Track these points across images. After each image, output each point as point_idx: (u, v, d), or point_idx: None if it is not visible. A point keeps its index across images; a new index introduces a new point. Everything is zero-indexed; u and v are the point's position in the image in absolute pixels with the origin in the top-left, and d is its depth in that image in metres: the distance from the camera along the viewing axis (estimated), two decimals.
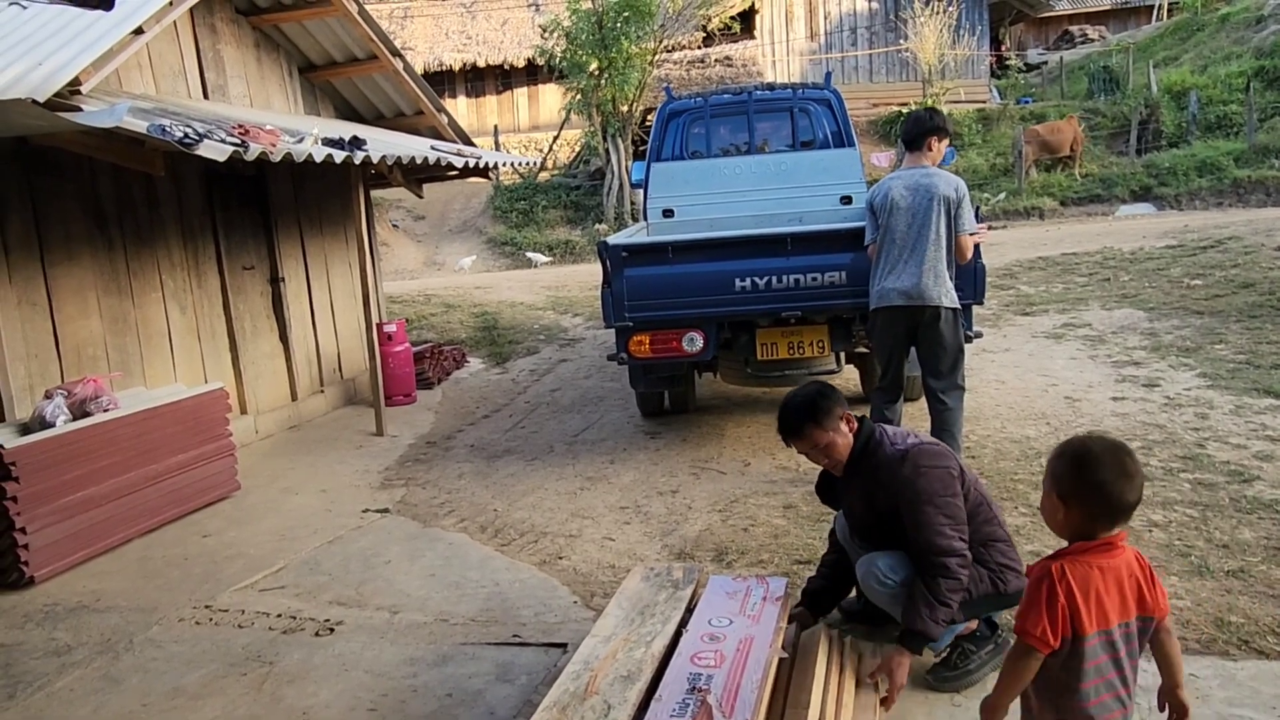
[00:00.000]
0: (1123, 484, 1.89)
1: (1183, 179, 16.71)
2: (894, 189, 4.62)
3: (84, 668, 3.54)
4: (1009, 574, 2.90)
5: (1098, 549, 1.93)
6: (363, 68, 8.01)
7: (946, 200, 4.52)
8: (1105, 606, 1.91)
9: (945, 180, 4.58)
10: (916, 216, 4.55)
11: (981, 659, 2.92)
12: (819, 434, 2.96)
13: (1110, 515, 1.92)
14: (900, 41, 21.49)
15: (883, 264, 4.65)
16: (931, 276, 4.53)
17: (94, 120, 4.30)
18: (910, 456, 2.88)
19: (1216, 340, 7.34)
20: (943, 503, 2.80)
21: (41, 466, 4.46)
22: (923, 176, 4.59)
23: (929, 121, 4.72)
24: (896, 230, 4.60)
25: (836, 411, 2.97)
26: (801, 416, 2.97)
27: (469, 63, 23.08)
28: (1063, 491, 1.94)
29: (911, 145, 4.75)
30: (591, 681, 2.47)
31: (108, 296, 5.89)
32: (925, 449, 2.92)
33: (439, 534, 4.79)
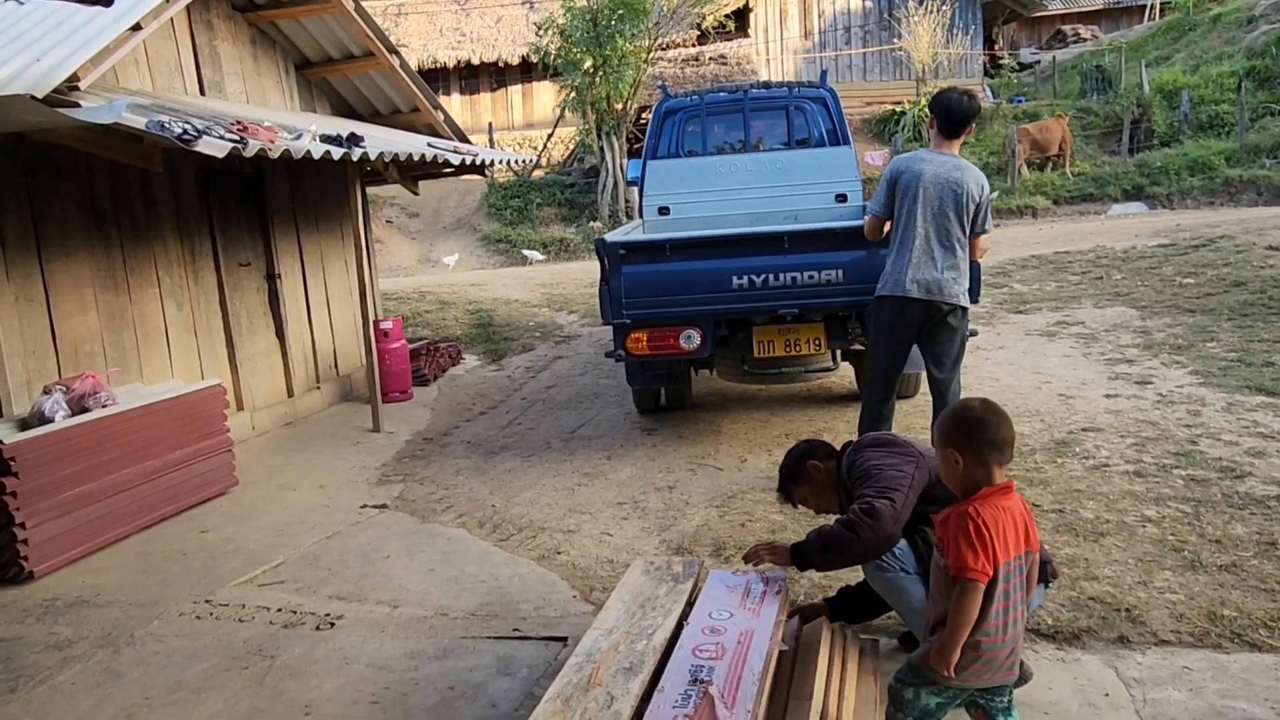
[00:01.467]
0: (1000, 424, 2.37)
1: (1174, 178, 16.80)
2: (925, 174, 4.44)
3: (85, 661, 3.55)
4: None
5: (998, 492, 2.34)
6: (359, 65, 8.02)
7: (975, 198, 4.43)
8: (1008, 540, 2.31)
9: (974, 176, 4.47)
10: (945, 209, 4.42)
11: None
12: (799, 490, 3.25)
13: (999, 452, 2.35)
14: (894, 40, 21.56)
15: (903, 252, 4.48)
16: (955, 272, 4.45)
17: (92, 116, 4.30)
18: (856, 445, 3.13)
19: (1208, 338, 7.39)
20: (874, 468, 2.90)
21: (41, 462, 4.46)
22: (954, 169, 4.45)
23: (973, 107, 4.51)
24: (922, 219, 4.44)
25: (804, 466, 3.22)
26: (784, 481, 3.29)
27: (463, 60, 23.08)
28: (959, 445, 2.36)
29: (952, 132, 4.55)
30: (594, 673, 2.49)
31: (105, 293, 5.89)
32: (870, 436, 3.18)
33: (437, 529, 4.81)
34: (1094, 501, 4.34)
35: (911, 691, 2.42)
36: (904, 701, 2.44)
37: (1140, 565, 3.67)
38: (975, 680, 2.37)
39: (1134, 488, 4.49)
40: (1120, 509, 4.24)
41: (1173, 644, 3.10)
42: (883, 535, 2.76)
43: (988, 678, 2.37)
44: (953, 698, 2.42)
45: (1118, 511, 4.22)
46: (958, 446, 2.36)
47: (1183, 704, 2.75)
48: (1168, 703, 2.76)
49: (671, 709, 2.27)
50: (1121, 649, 3.09)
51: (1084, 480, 4.64)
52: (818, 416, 6.34)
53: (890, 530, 2.76)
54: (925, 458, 2.93)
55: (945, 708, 2.43)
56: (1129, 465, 4.81)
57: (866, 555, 2.84)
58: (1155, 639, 3.13)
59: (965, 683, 2.36)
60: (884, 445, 3.04)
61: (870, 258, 5.21)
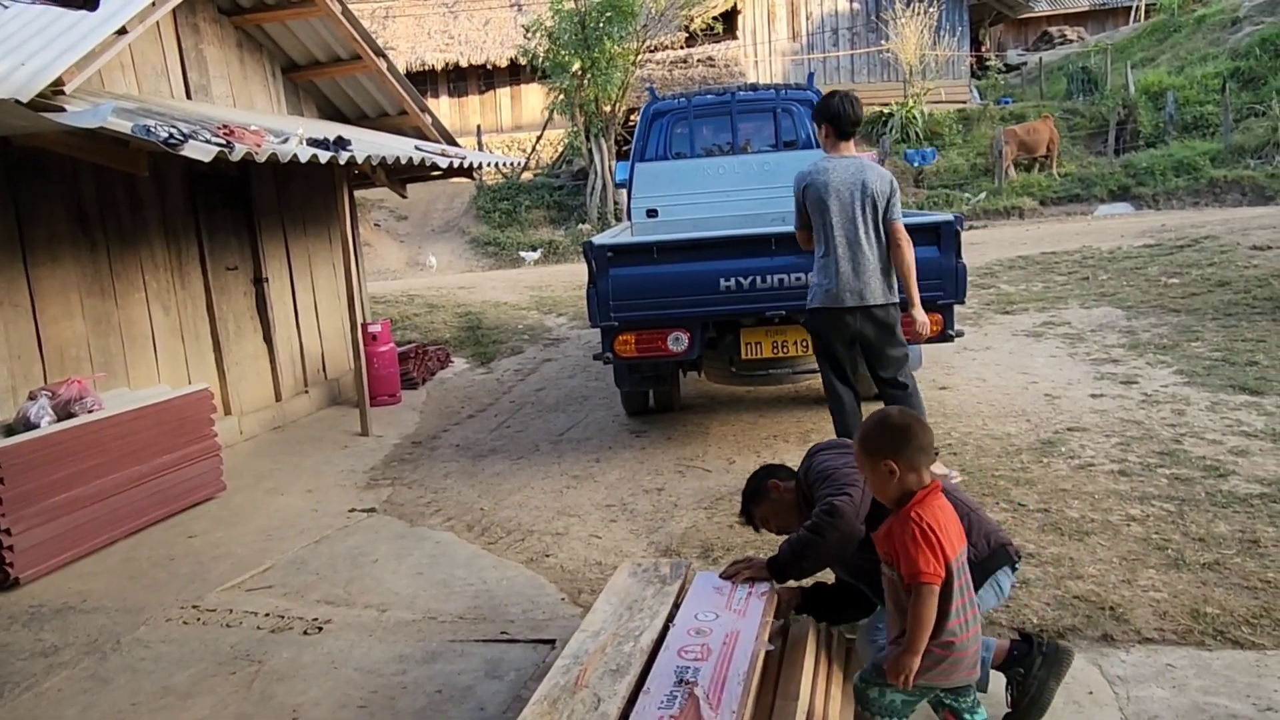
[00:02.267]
0: (924, 429, 2.45)
1: (1160, 179, 16.91)
2: (832, 182, 4.53)
3: (72, 668, 3.54)
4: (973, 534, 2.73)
5: (931, 493, 2.38)
6: (346, 68, 8.01)
7: (882, 194, 4.53)
8: (952, 537, 2.36)
9: (877, 173, 4.58)
10: (857, 212, 4.51)
11: (1038, 678, 2.68)
12: (759, 510, 3.23)
13: (927, 455, 2.41)
14: (882, 42, 21.63)
15: (828, 262, 4.55)
16: (879, 272, 4.54)
17: (78, 120, 4.29)
18: (808, 452, 3.17)
19: (1193, 338, 7.44)
20: (828, 470, 2.93)
21: (26, 468, 4.45)
22: (858, 171, 4.55)
23: (859, 109, 4.67)
24: (839, 226, 4.53)
25: (764, 485, 3.22)
26: (745, 504, 3.30)
27: (451, 62, 23.06)
28: (891, 454, 2.38)
29: (845, 134, 4.67)
30: (581, 675, 2.50)
31: (91, 298, 5.87)
32: (821, 443, 3.26)
33: (426, 533, 4.81)
34: (1079, 501, 4.37)
35: (876, 690, 2.45)
36: (869, 700, 2.47)
37: (1124, 564, 3.69)
38: (944, 680, 2.39)
39: (1119, 487, 4.52)
40: (1105, 508, 4.27)
41: (1156, 642, 3.12)
42: (847, 531, 2.78)
43: (955, 677, 2.40)
44: (919, 696, 2.45)
45: (1103, 511, 4.24)
46: (890, 455, 2.37)
47: (1166, 701, 2.78)
48: (1151, 700, 2.78)
49: (656, 710, 2.28)
50: (1105, 647, 3.12)
51: (1069, 480, 4.67)
52: (805, 418, 6.36)
53: (853, 526, 2.78)
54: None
55: (911, 705, 2.46)
56: (1114, 465, 4.84)
57: (837, 553, 2.86)
58: (1139, 637, 3.15)
59: (933, 682, 2.39)
60: (834, 447, 3.11)
61: None
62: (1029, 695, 2.67)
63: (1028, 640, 2.77)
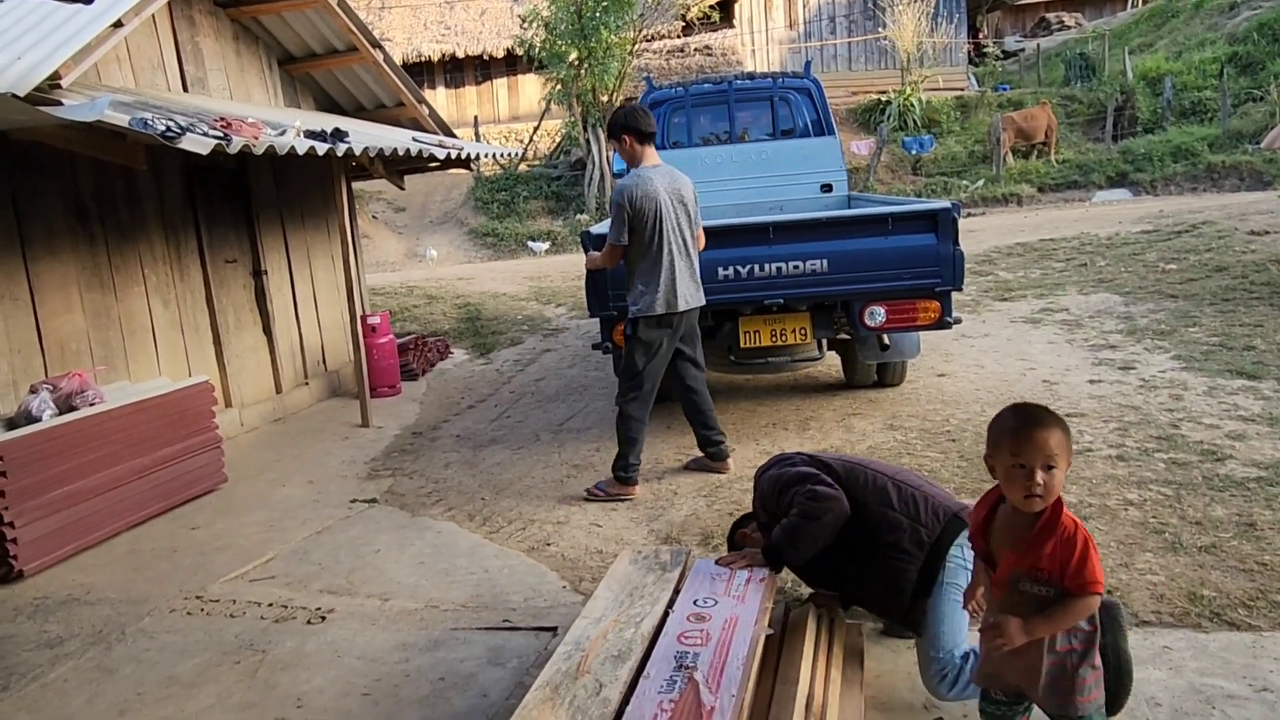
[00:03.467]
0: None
1: (1158, 165, 16.91)
2: (659, 193, 4.73)
3: (77, 658, 3.56)
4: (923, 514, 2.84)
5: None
6: (342, 60, 8.00)
7: (693, 200, 4.87)
8: None
9: (686, 180, 4.93)
10: (681, 219, 4.81)
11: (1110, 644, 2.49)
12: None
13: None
14: (879, 30, 21.57)
15: (659, 270, 4.72)
16: (697, 275, 4.90)
17: (75, 114, 4.29)
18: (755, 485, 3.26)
19: (1191, 323, 7.46)
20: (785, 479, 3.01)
21: (29, 461, 4.46)
22: (674, 179, 4.85)
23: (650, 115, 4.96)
24: (671, 234, 4.75)
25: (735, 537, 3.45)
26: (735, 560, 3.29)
27: (448, 53, 22.99)
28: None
29: (648, 140, 4.90)
30: (583, 661, 2.52)
31: (90, 291, 5.88)
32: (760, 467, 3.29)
33: (427, 523, 4.83)
34: (1077, 486, 4.39)
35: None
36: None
37: (1122, 548, 3.72)
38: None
39: (1116, 472, 4.55)
40: (1103, 493, 4.30)
41: (1153, 624, 3.15)
42: (833, 507, 2.85)
43: None
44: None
45: (1100, 495, 4.27)
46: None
47: (1163, 683, 2.80)
48: (1148, 682, 2.81)
49: (657, 694, 2.31)
50: None
51: None
52: (804, 405, 6.38)
53: (839, 502, 2.86)
54: (814, 457, 3.08)
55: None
56: (1111, 450, 4.87)
57: (829, 532, 2.87)
58: (1136, 619, 3.17)
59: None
60: (776, 464, 3.17)
61: (855, 248, 5.26)
62: (1112, 667, 2.45)
63: None
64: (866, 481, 2.94)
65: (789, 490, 2.96)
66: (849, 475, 2.97)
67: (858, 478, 2.96)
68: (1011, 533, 2.16)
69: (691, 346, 5.04)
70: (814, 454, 3.13)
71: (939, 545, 2.79)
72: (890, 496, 2.89)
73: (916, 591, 2.79)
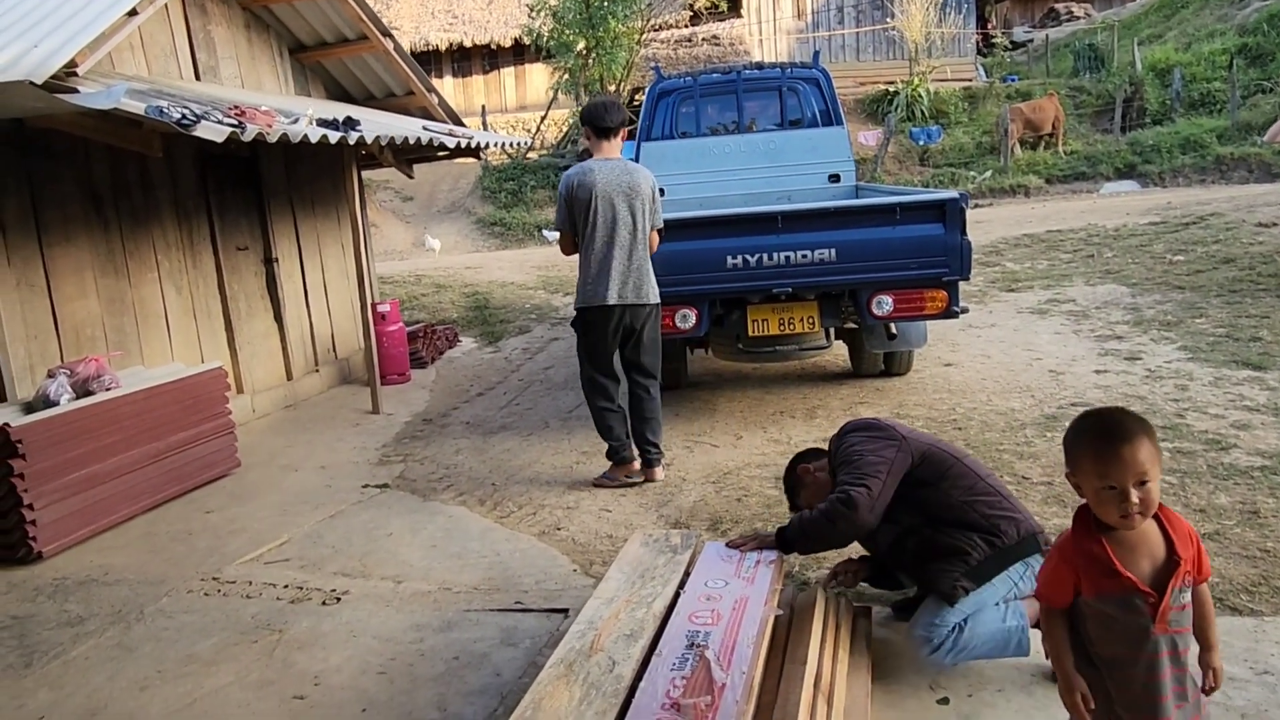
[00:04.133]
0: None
1: (1166, 156, 16.88)
2: (598, 185, 4.71)
3: (97, 637, 3.63)
4: (1004, 523, 2.80)
5: None
6: (353, 48, 8.03)
7: (648, 196, 4.78)
8: None
9: (644, 175, 4.83)
10: (624, 214, 4.75)
11: None
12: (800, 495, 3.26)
13: None
14: (887, 20, 21.54)
15: (592, 262, 4.75)
16: (643, 273, 4.80)
17: (92, 102, 4.34)
18: (838, 433, 3.16)
19: (1197, 314, 7.48)
20: (855, 454, 2.94)
21: (47, 444, 4.53)
22: (624, 173, 4.79)
23: (617, 112, 4.93)
24: (604, 228, 4.74)
25: (796, 470, 3.30)
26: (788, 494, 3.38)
27: (455, 42, 23.03)
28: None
29: (610, 133, 4.88)
30: (596, 639, 2.58)
31: (105, 277, 5.94)
32: (853, 422, 3.17)
33: (439, 507, 4.89)
34: None
35: None
36: None
37: None
38: None
39: None
40: None
41: None
42: (858, 523, 2.83)
43: None
44: None
45: None
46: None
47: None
48: None
49: (669, 671, 2.36)
50: None
51: None
52: (812, 394, 6.42)
53: (865, 519, 2.82)
54: (908, 440, 2.96)
55: None
56: None
57: (843, 541, 2.96)
58: None
59: None
60: (866, 429, 3.07)
61: (863, 238, 5.29)
62: None
63: None
64: (955, 470, 2.91)
65: (845, 469, 2.93)
66: (934, 459, 2.93)
67: (946, 465, 2.92)
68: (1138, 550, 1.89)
69: (637, 351, 4.92)
70: (910, 434, 3.01)
71: (1007, 553, 2.79)
72: (978, 489, 2.88)
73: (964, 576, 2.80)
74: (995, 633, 2.79)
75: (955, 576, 2.77)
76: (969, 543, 2.80)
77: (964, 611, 2.76)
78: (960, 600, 2.76)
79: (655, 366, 4.99)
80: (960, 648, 2.76)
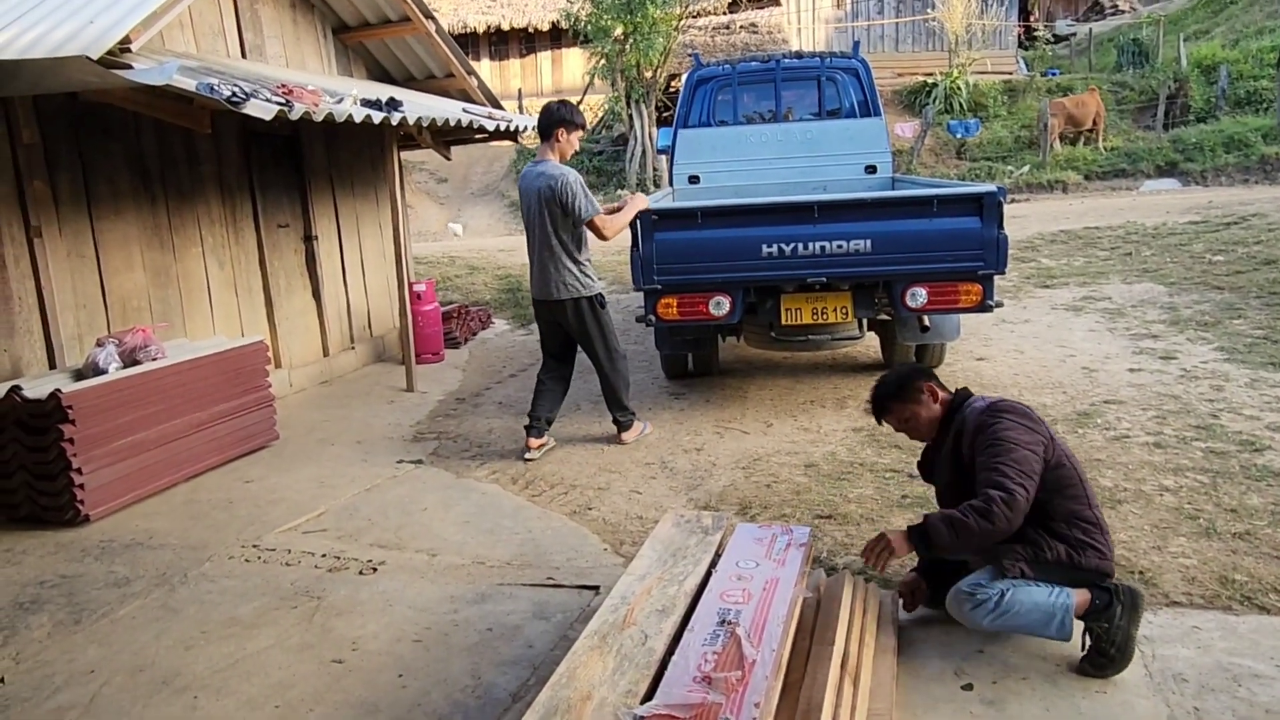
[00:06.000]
0: None
1: (1209, 155, 16.61)
2: (524, 188, 5.22)
3: (143, 598, 3.75)
4: (1089, 551, 2.84)
5: None
6: (395, 29, 8.10)
7: (557, 193, 5.01)
8: None
9: (553, 175, 5.06)
10: (541, 213, 5.11)
11: (1121, 628, 2.76)
12: (900, 407, 3.16)
13: None
14: (928, 10, 21.32)
15: (530, 258, 5.27)
16: (560, 270, 5.14)
17: (145, 78, 4.44)
18: (993, 406, 2.99)
19: (1236, 315, 7.41)
20: (1011, 445, 2.81)
21: (96, 411, 4.66)
22: (538, 176, 5.12)
23: (556, 113, 5.18)
24: (528, 228, 5.25)
25: (918, 385, 3.14)
26: (885, 395, 3.20)
27: (493, 25, 23.06)
28: None
29: (542, 136, 5.22)
30: (629, 614, 2.65)
31: (150, 250, 6.07)
32: (1008, 402, 3.01)
33: (472, 484, 4.98)
34: (1113, 470, 4.44)
35: None
36: None
37: (1156, 531, 3.77)
38: None
39: (1153, 458, 4.58)
40: (1138, 478, 4.34)
41: (1184, 605, 3.21)
42: (1013, 528, 2.74)
43: None
44: None
45: (1136, 480, 4.31)
46: None
47: (1190, 660, 2.87)
48: (1176, 659, 2.88)
49: (701, 646, 2.42)
50: None
51: (1104, 450, 4.74)
52: (843, 384, 6.44)
53: (1019, 521, 2.75)
54: (1054, 443, 2.93)
55: None
56: (1149, 437, 4.90)
57: (989, 542, 2.80)
58: (1167, 600, 3.24)
59: None
60: (1019, 414, 2.94)
61: (899, 229, 5.30)
62: (1115, 645, 2.75)
63: (1107, 591, 2.83)
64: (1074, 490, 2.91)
65: (996, 452, 2.81)
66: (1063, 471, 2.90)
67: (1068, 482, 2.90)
68: None
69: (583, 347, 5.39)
70: (1053, 435, 2.96)
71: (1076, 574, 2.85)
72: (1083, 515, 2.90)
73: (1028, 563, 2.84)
74: (1041, 605, 2.81)
75: (1019, 557, 2.83)
76: (1049, 546, 2.85)
77: (1012, 584, 2.82)
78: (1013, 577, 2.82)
79: (594, 351, 5.37)
80: (1003, 611, 2.80)
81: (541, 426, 5.39)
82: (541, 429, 5.39)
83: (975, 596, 2.83)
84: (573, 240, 5.14)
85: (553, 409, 5.46)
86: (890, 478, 4.59)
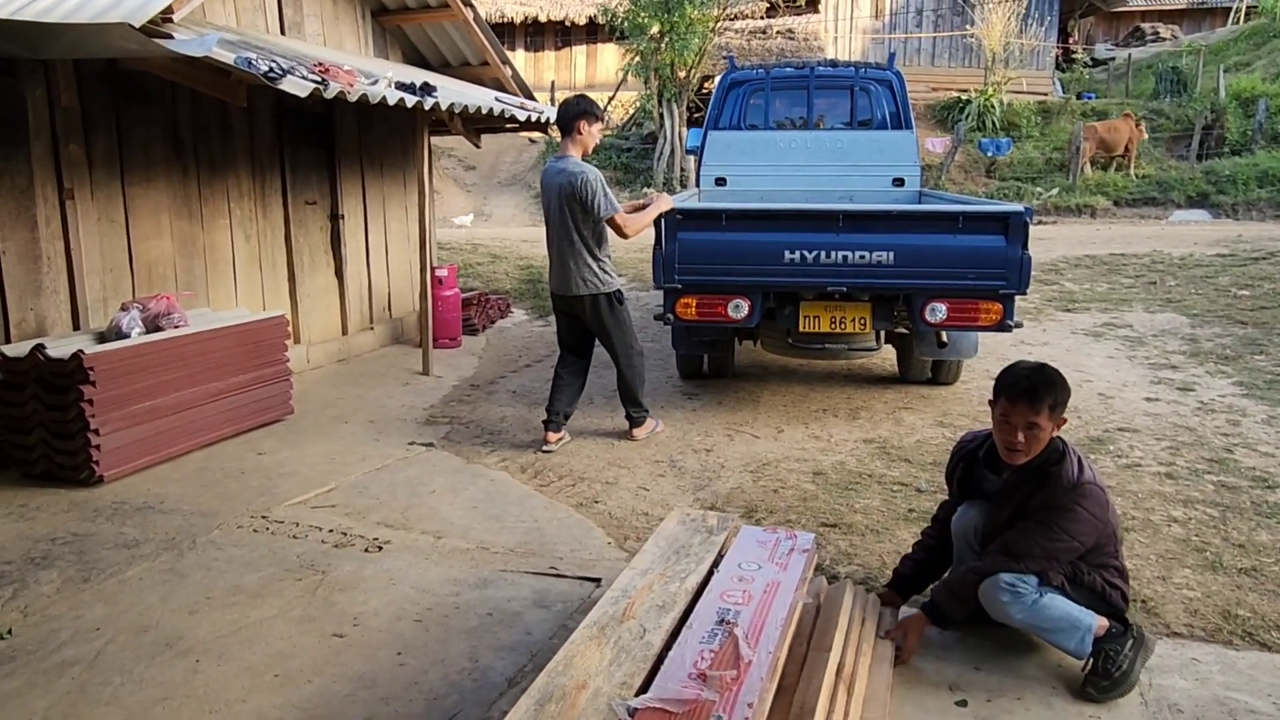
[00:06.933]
0: None
1: (1242, 188, 16.46)
2: (545, 184, 5.25)
3: (151, 561, 3.80)
4: (1114, 594, 3.00)
5: None
6: (434, 15, 8.15)
7: (578, 189, 5.03)
8: None
9: (575, 171, 5.06)
10: (561, 209, 5.13)
11: (1129, 657, 2.84)
12: (1055, 406, 2.92)
13: None
14: (966, 26, 21.21)
15: (550, 253, 5.31)
16: (579, 266, 5.16)
17: (185, 48, 4.49)
18: (1081, 486, 2.89)
19: (1258, 351, 7.36)
20: (1068, 537, 2.87)
21: (116, 374, 4.72)
22: (559, 172, 5.15)
23: (575, 106, 5.21)
24: (548, 223, 5.29)
25: (1065, 406, 2.97)
26: (1050, 388, 2.92)
27: (530, 16, 23.13)
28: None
29: (563, 131, 5.24)
30: (629, 607, 2.66)
31: (179, 220, 6.14)
32: (1094, 486, 2.92)
33: (481, 470, 5.02)
34: (1122, 498, 4.42)
35: None
36: None
37: (1161, 561, 3.76)
38: None
39: (1163, 489, 4.56)
40: (1147, 507, 4.32)
41: (1184, 637, 3.21)
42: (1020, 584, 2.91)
43: None
44: None
45: (1145, 509, 4.30)
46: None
47: (1187, 692, 2.87)
48: (1172, 689, 2.87)
49: (698, 644, 2.44)
50: None
51: (1115, 477, 4.72)
52: (856, 395, 6.44)
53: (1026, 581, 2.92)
54: (1110, 525, 2.97)
55: None
56: (1161, 467, 4.87)
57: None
58: (1167, 630, 3.23)
59: None
60: (1101, 506, 2.92)
61: (923, 243, 5.29)
62: (1120, 669, 2.83)
63: (1124, 623, 2.96)
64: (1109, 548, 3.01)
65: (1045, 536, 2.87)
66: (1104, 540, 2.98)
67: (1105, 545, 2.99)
68: None
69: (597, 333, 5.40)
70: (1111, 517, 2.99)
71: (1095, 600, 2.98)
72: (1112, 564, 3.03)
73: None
74: (1071, 616, 2.90)
75: (1060, 573, 2.94)
76: (1086, 573, 2.97)
77: (1050, 591, 2.92)
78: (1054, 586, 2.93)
79: (613, 347, 5.39)
80: (1036, 610, 2.88)
81: (560, 421, 5.41)
82: (560, 423, 5.41)
83: (1016, 589, 2.88)
84: (593, 236, 5.16)
85: (571, 403, 5.48)
86: (898, 490, 4.59)
